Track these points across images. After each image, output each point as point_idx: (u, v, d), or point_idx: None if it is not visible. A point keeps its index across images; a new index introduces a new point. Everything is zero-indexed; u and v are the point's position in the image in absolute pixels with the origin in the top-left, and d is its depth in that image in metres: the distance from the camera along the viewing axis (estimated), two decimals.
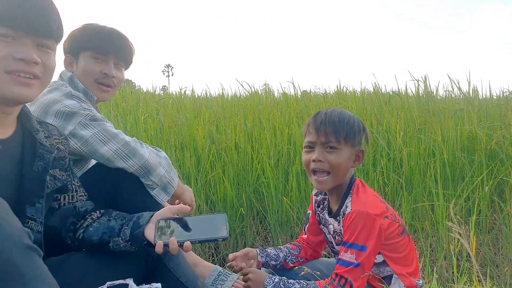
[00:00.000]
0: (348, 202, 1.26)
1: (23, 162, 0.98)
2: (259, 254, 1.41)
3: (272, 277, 1.22)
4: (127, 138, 1.34)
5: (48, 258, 1.01)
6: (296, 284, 1.19)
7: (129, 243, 1.05)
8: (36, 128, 1.03)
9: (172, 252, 0.98)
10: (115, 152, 1.29)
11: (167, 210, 1.09)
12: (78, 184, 1.17)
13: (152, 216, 1.08)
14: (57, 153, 1.08)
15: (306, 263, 1.45)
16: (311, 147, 1.28)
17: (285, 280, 1.21)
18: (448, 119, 2.76)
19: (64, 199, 1.11)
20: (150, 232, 1.03)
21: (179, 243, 0.97)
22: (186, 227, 1.03)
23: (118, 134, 1.32)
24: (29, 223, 0.98)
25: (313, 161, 1.26)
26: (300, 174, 2.44)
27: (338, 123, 1.25)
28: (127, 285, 0.94)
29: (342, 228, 1.27)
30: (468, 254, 1.85)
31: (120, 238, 1.05)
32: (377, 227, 1.18)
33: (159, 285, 0.95)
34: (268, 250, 1.43)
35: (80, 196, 1.15)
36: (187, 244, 0.97)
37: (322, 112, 1.30)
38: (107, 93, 1.49)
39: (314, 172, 1.27)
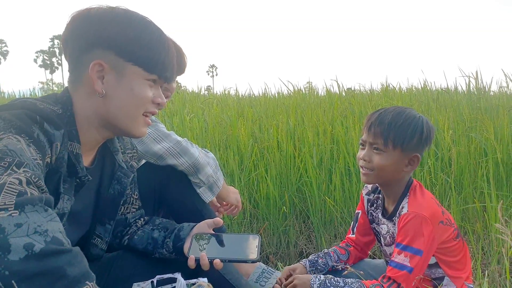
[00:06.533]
0: (404, 203, 1.23)
1: (101, 182, 1.02)
2: (309, 271, 1.40)
3: (317, 276, 1.22)
4: (179, 138, 1.41)
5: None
6: (341, 282, 1.19)
7: (173, 254, 1.09)
8: (116, 148, 1.05)
9: (203, 267, 1.00)
10: (168, 150, 1.36)
11: (204, 224, 1.12)
12: (137, 197, 1.18)
13: (192, 229, 1.11)
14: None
15: (352, 265, 1.45)
16: (363, 144, 1.26)
17: (330, 278, 1.21)
18: (502, 117, 2.62)
19: (120, 210, 1.13)
20: (186, 246, 1.06)
21: (209, 260, 1.00)
22: (220, 244, 1.06)
23: (171, 134, 1.39)
24: (96, 239, 1.04)
25: (361, 159, 1.26)
26: (344, 174, 2.41)
27: (388, 125, 1.19)
28: (175, 279, 0.98)
29: (396, 230, 1.25)
30: None
31: (164, 249, 1.09)
32: (432, 231, 1.15)
33: (205, 279, 0.98)
34: (319, 261, 1.42)
35: (134, 207, 1.17)
36: (217, 261, 0.99)
37: (380, 110, 1.26)
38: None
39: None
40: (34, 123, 0.76)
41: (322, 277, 1.21)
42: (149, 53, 0.89)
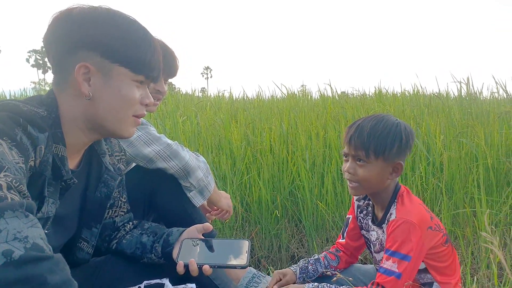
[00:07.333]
0: (393, 209, 1.24)
1: (87, 185, 1.01)
2: (299, 277, 1.41)
3: (312, 284, 1.24)
4: (169, 141, 1.40)
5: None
6: None
7: (162, 259, 1.08)
8: (103, 151, 1.04)
9: (191, 273, 0.99)
10: (158, 153, 1.35)
11: (194, 229, 1.10)
12: (125, 200, 1.17)
13: (181, 233, 1.10)
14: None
15: (343, 270, 1.45)
16: (346, 156, 1.27)
17: (323, 285, 1.22)
18: (492, 122, 2.64)
19: (108, 213, 1.11)
20: (175, 251, 1.05)
21: (198, 265, 0.99)
22: (209, 249, 1.05)
23: (161, 137, 1.38)
24: (82, 243, 1.02)
25: (346, 171, 1.26)
26: (336, 178, 2.42)
27: (367, 137, 1.20)
28: (163, 284, 0.97)
29: (385, 237, 1.25)
30: None
31: (152, 254, 1.08)
32: (420, 237, 1.16)
33: (194, 285, 0.98)
34: (309, 267, 1.43)
35: (122, 211, 1.16)
36: (206, 267, 0.98)
37: (357, 122, 1.26)
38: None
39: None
40: (17, 126, 0.75)
41: (316, 284, 1.23)
42: (135, 53, 0.88)
